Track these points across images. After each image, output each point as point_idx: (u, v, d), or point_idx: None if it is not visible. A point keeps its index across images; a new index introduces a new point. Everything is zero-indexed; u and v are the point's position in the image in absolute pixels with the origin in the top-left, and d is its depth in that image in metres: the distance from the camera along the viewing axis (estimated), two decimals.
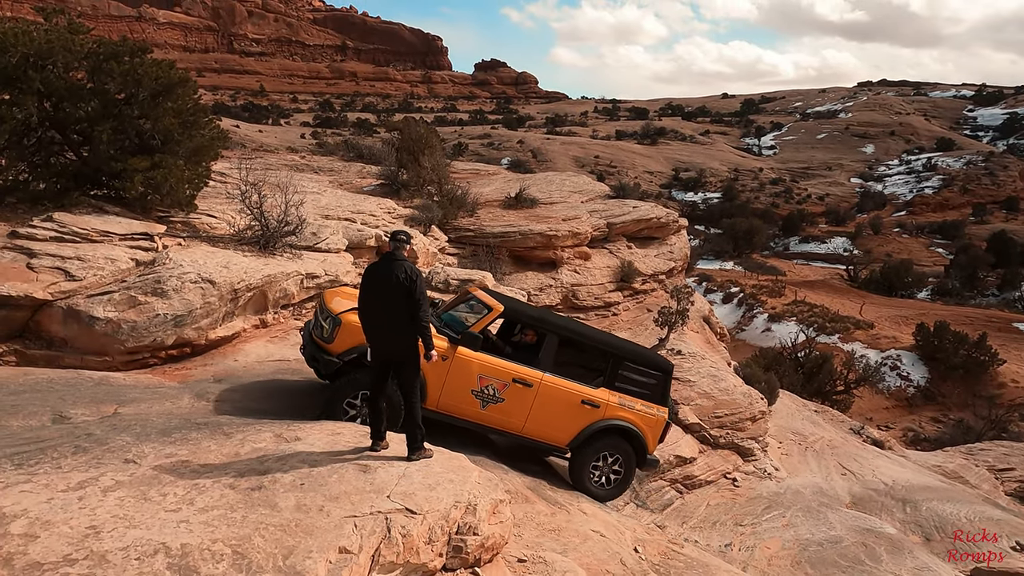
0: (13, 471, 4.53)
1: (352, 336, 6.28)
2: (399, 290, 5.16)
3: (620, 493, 7.82)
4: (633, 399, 7.40)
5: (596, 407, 7.16)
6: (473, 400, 6.69)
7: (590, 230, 19.43)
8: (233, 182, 14.47)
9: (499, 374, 6.72)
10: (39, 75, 8.93)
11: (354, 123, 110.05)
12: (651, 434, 7.52)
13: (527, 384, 6.83)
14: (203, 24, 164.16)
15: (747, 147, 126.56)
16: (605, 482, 7.49)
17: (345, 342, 6.36)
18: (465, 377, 6.62)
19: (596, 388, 7.24)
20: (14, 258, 8.19)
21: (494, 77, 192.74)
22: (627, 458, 7.51)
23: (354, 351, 6.30)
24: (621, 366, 7.35)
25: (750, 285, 53.62)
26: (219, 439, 5.37)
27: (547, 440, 7.16)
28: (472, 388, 6.66)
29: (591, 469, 7.38)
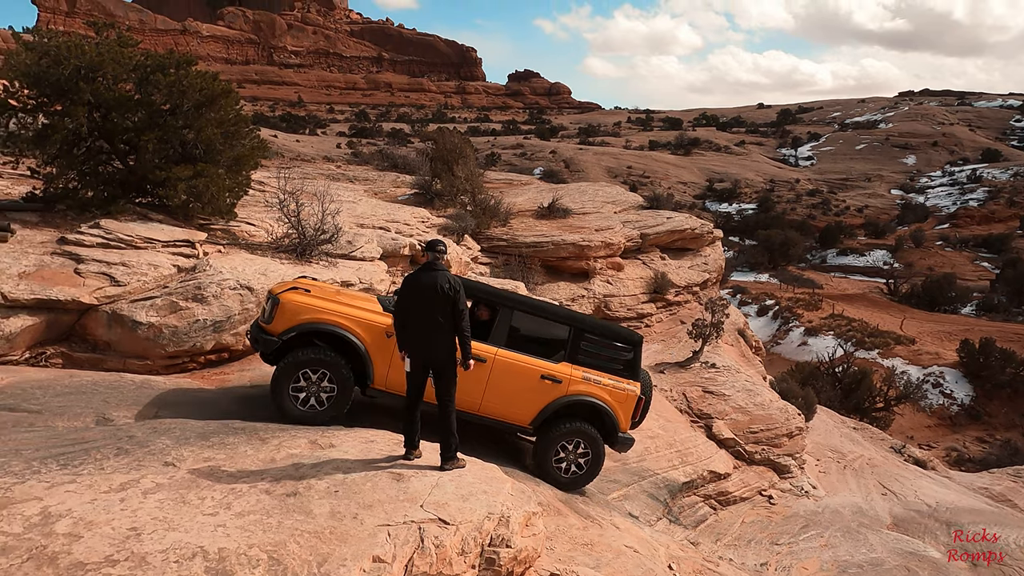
0: (59, 471, 4.65)
1: (290, 315, 6.24)
2: (444, 299, 5.26)
3: (585, 483, 7.26)
4: (599, 373, 6.97)
5: (558, 382, 6.77)
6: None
7: (623, 241, 19.31)
8: (271, 191, 14.76)
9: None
10: (90, 87, 9.24)
11: (389, 133, 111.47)
12: (622, 411, 7.04)
13: (480, 360, 6.41)
14: (244, 37, 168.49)
15: (783, 158, 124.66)
16: (567, 470, 6.99)
17: (283, 321, 6.25)
18: None
19: (557, 363, 6.84)
20: (63, 263, 8.46)
21: (527, 88, 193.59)
22: (595, 447, 7.02)
23: (293, 330, 6.22)
24: (582, 339, 6.97)
25: (786, 298, 52.65)
26: (255, 444, 5.43)
27: (507, 419, 6.78)
28: None
29: (555, 455, 6.91)
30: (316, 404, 6.19)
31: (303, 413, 6.14)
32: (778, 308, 50.57)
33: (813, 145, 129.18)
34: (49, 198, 9.91)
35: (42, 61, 9.12)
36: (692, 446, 11.40)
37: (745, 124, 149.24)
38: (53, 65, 9.09)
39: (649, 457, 10.44)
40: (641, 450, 10.57)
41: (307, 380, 6.16)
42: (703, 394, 13.47)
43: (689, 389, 13.69)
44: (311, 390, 6.19)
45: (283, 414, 6.12)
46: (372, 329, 6.36)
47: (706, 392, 13.56)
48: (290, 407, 6.13)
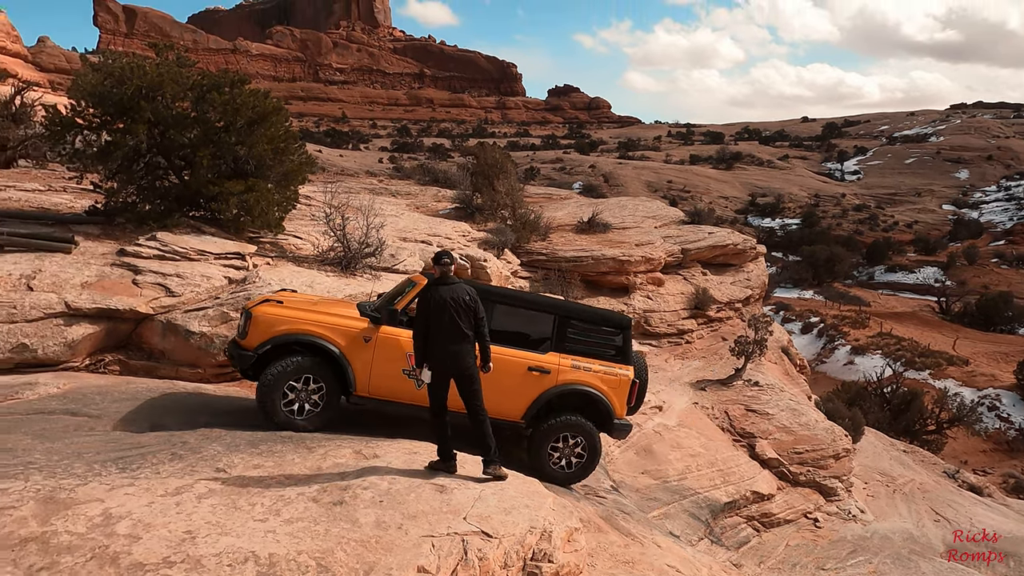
0: (118, 474, 4.84)
1: (264, 328, 6.17)
2: (468, 310, 5.39)
3: (581, 479, 7.09)
4: (589, 360, 6.79)
5: (546, 373, 6.61)
6: (406, 380, 6.33)
7: (664, 256, 19.17)
8: (317, 205, 15.12)
9: None
10: (150, 105, 9.66)
11: (430, 148, 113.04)
12: (616, 397, 6.84)
13: None
14: (291, 55, 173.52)
15: (829, 172, 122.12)
16: (566, 465, 6.82)
17: (257, 335, 6.19)
18: (393, 356, 6.29)
19: (544, 354, 6.67)
20: (121, 274, 8.82)
21: (567, 102, 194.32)
22: (590, 439, 6.83)
23: (268, 343, 6.15)
24: (568, 326, 6.80)
25: (831, 315, 51.36)
26: (302, 453, 5.56)
27: (498, 415, 6.50)
28: (403, 368, 6.31)
29: (550, 450, 6.73)
30: (306, 411, 6.19)
31: (294, 420, 6.14)
32: (823, 325, 49.37)
33: (860, 159, 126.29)
34: (110, 211, 10.35)
35: (106, 81, 9.58)
36: (734, 465, 11.20)
37: (789, 138, 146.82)
38: (117, 85, 9.54)
39: (690, 476, 10.30)
40: (682, 468, 10.44)
41: (295, 388, 6.14)
42: (746, 412, 13.22)
43: (731, 407, 13.46)
44: (301, 397, 6.17)
45: (274, 423, 6.10)
46: (348, 335, 6.26)
47: (749, 411, 13.31)
48: (281, 415, 6.11)
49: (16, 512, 4.03)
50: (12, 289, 7.93)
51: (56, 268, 8.47)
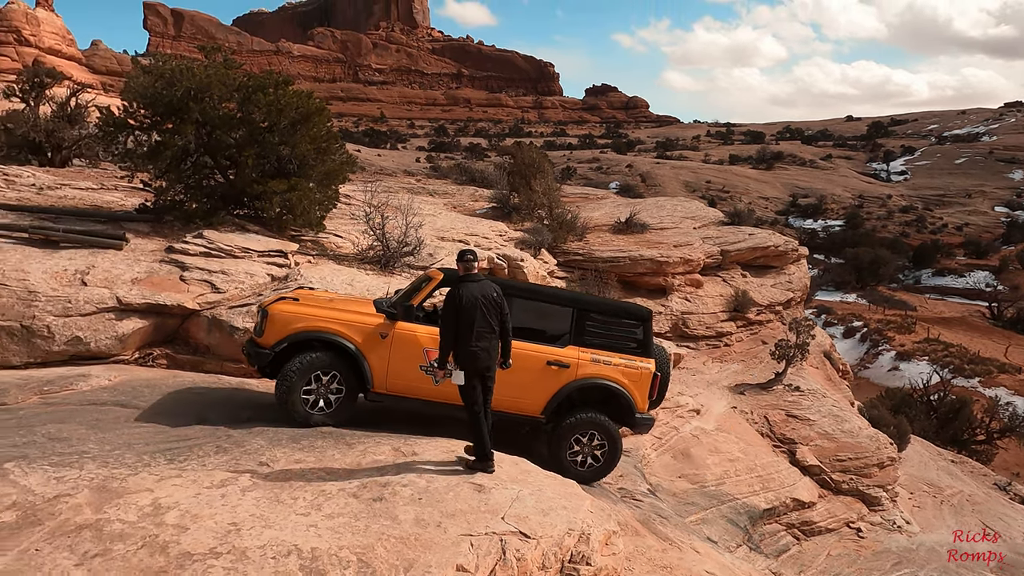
0: (166, 465, 4.98)
1: (280, 326, 6.16)
2: (496, 306, 5.43)
3: (602, 476, 6.92)
4: (609, 354, 6.67)
5: (566, 367, 6.49)
6: (424, 377, 6.25)
7: (702, 257, 18.89)
8: (356, 204, 15.32)
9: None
10: (199, 106, 9.91)
11: (466, 147, 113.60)
12: (637, 390, 6.69)
13: None
14: (332, 56, 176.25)
15: (874, 172, 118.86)
16: (583, 462, 6.67)
17: (274, 333, 6.18)
18: (411, 353, 6.24)
19: (563, 347, 6.57)
20: (169, 271, 9.07)
21: (604, 102, 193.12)
22: (610, 436, 6.70)
23: (285, 341, 6.14)
24: (587, 319, 6.69)
25: (875, 320, 49.99)
26: (342, 449, 5.64)
27: (517, 410, 6.50)
28: (420, 364, 6.25)
29: (570, 445, 6.60)
30: (325, 406, 6.18)
31: (312, 415, 6.13)
32: (867, 330, 48.09)
33: (907, 159, 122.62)
34: (158, 209, 10.65)
35: (157, 83, 9.87)
36: (774, 471, 10.99)
37: (832, 137, 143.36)
38: (167, 87, 9.81)
39: (728, 481, 10.13)
40: (720, 473, 10.28)
41: (317, 382, 6.14)
42: (786, 418, 12.96)
43: (771, 412, 13.21)
44: (320, 392, 6.16)
45: (292, 418, 6.11)
46: (364, 331, 6.22)
47: (789, 416, 13.04)
48: (301, 410, 6.10)
49: (72, 500, 4.18)
50: (67, 284, 8.23)
51: (108, 264, 8.75)
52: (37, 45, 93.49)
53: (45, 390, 6.96)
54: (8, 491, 4.22)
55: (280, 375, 6.12)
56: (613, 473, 8.44)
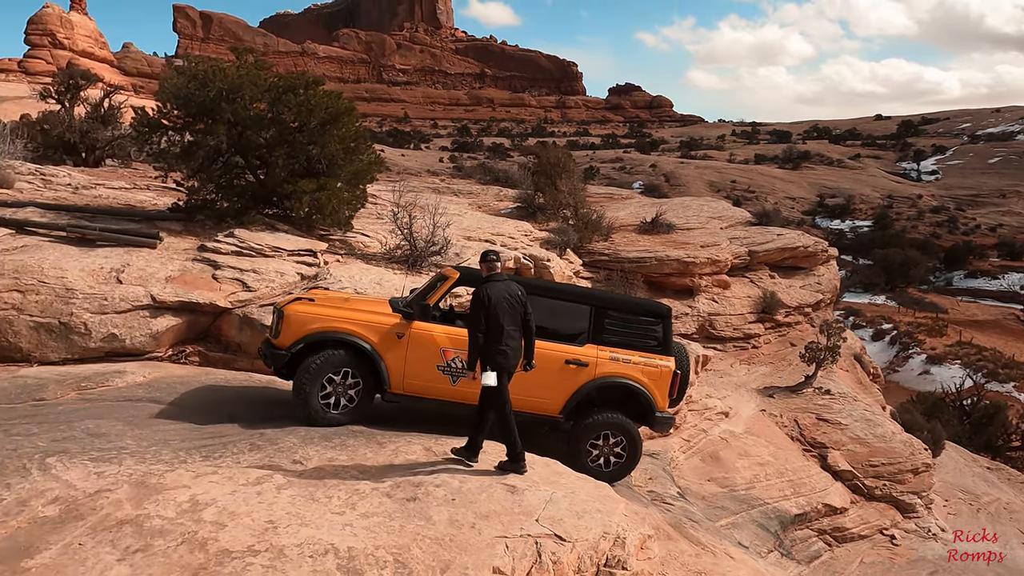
0: (202, 462, 5.03)
1: (296, 327, 6.11)
2: (522, 306, 5.43)
3: (621, 477, 6.77)
4: (629, 352, 6.56)
5: (584, 366, 6.40)
6: (441, 376, 6.21)
7: (730, 258, 18.67)
8: (382, 203, 15.39)
9: (462, 344, 6.01)
10: (231, 107, 10.02)
11: (489, 147, 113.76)
12: (658, 389, 6.58)
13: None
14: (357, 57, 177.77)
15: (904, 172, 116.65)
16: (604, 463, 6.53)
17: (290, 334, 6.13)
18: (427, 353, 6.19)
19: (581, 346, 6.47)
20: (202, 269, 9.19)
21: (628, 101, 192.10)
22: (630, 436, 6.58)
23: (301, 341, 6.08)
24: (605, 317, 6.58)
25: (905, 322, 49.05)
26: (374, 447, 5.65)
27: (535, 410, 6.42)
28: (437, 364, 6.20)
29: (589, 447, 6.48)
30: (344, 405, 6.15)
31: (329, 414, 6.09)
32: (896, 333, 47.20)
33: (938, 159, 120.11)
34: (191, 208, 10.80)
35: (190, 84, 10.00)
36: (805, 476, 10.81)
37: (861, 136, 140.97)
38: (200, 88, 9.94)
39: (758, 485, 9.99)
40: (750, 477, 10.15)
41: (334, 382, 6.09)
42: (817, 422, 12.75)
43: (801, 416, 13.00)
44: (338, 391, 6.11)
45: (312, 417, 6.04)
46: (380, 331, 6.17)
47: (820, 420, 12.83)
48: (318, 408, 6.04)
49: (112, 495, 4.23)
50: (103, 282, 8.37)
51: (143, 263, 8.89)
52: (71, 48, 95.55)
53: (82, 386, 7.08)
54: (51, 485, 4.29)
55: (297, 375, 6.07)
56: (642, 475, 8.37)
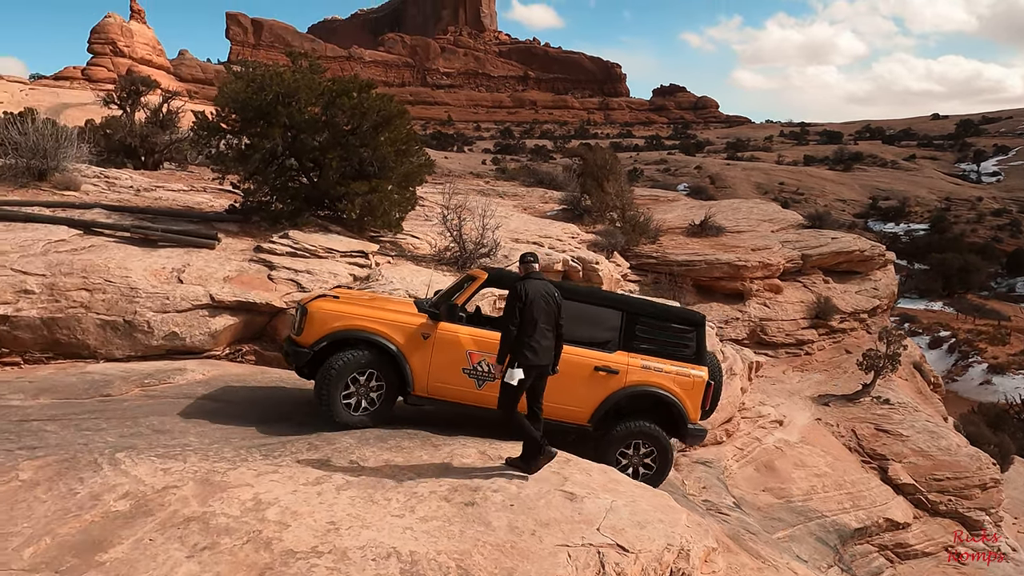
0: (262, 460, 5.08)
1: (320, 324, 5.93)
2: (557, 306, 5.37)
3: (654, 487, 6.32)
4: (661, 360, 6.32)
5: (614, 373, 6.15)
6: (466, 380, 6.01)
7: (782, 261, 18.22)
8: (429, 205, 15.48)
9: (491, 347, 5.82)
10: (287, 110, 10.20)
11: (532, 150, 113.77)
12: (690, 400, 6.32)
13: None
14: (401, 61, 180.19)
15: (963, 173, 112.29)
16: (634, 474, 6.24)
17: (313, 332, 5.94)
18: (453, 355, 5.98)
19: (611, 352, 6.21)
20: (258, 270, 9.36)
21: (672, 102, 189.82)
22: (660, 446, 6.30)
23: (324, 339, 5.90)
24: (637, 323, 6.34)
25: (964, 330, 47.17)
26: (429, 450, 5.63)
27: (562, 417, 6.19)
28: (463, 367, 5.99)
29: (618, 456, 6.22)
30: (366, 407, 5.99)
31: (352, 416, 5.94)
32: (955, 340, 45.46)
33: (1000, 159, 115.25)
34: (246, 210, 11.03)
35: (248, 88, 10.21)
36: (864, 489, 10.43)
37: (916, 136, 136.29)
38: (257, 92, 10.14)
39: (816, 497, 9.67)
40: (807, 488, 9.83)
41: (358, 383, 5.92)
42: (876, 432, 12.29)
43: (859, 426, 12.56)
44: (360, 392, 5.94)
45: (335, 420, 5.89)
46: (406, 331, 5.98)
47: (879, 430, 12.37)
48: (342, 411, 5.89)
49: (179, 491, 4.30)
50: (165, 281, 8.60)
51: (202, 263, 9.10)
52: (130, 56, 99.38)
53: (146, 383, 7.27)
54: (121, 480, 4.38)
55: (319, 375, 5.91)
56: (695, 484, 8.18)
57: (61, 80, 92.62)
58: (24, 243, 8.70)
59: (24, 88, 79.46)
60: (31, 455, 4.78)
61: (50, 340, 7.97)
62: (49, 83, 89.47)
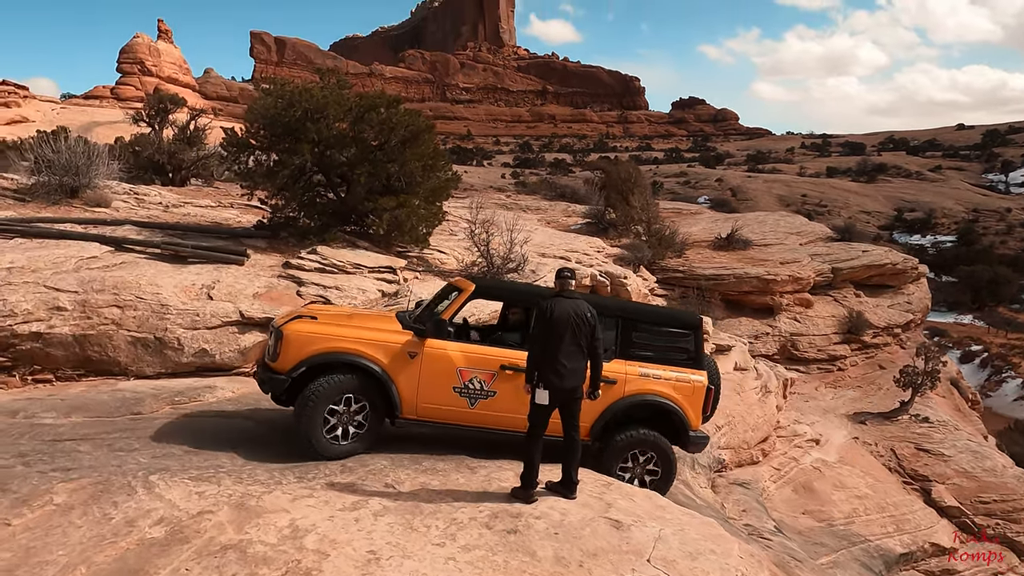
0: (296, 483, 4.95)
1: (297, 348, 5.50)
2: (587, 327, 5.07)
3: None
4: (660, 367, 6.08)
5: (612, 383, 5.85)
6: (458, 399, 5.69)
7: (812, 275, 17.87)
8: (453, 219, 15.41)
9: (483, 363, 5.65)
10: (315, 126, 10.19)
11: (551, 163, 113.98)
12: (691, 406, 6.08)
13: (518, 369, 5.55)
14: (422, 77, 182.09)
15: (990, 184, 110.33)
16: (640, 484, 5.97)
17: (290, 356, 5.51)
18: (442, 373, 5.65)
19: (608, 361, 5.82)
20: (287, 286, 9.31)
21: (691, 115, 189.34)
22: (663, 454, 6.03)
23: (303, 364, 5.47)
24: (634, 329, 6.09)
25: (996, 344, 46.00)
26: (465, 473, 5.47)
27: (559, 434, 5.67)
28: (454, 384, 5.67)
29: (619, 471, 5.95)
30: (348, 435, 5.57)
31: (338, 446, 5.52)
32: (987, 355, 44.31)
33: None
34: (274, 226, 11.02)
35: (278, 104, 10.23)
36: (908, 512, 10.06)
37: (941, 147, 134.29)
38: (287, 108, 10.16)
39: (858, 520, 9.33)
40: (848, 511, 9.50)
41: (337, 412, 5.48)
42: (916, 452, 11.89)
43: (898, 445, 12.17)
44: (343, 420, 5.51)
45: (314, 448, 5.45)
46: (391, 351, 5.61)
47: (920, 450, 11.96)
48: (325, 442, 5.47)
49: (214, 517, 4.18)
50: (195, 298, 8.57)
51: (231, 279, 9.07)
52: (158, 75, 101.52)
53: (176, 400, 7.20)
54: (155, 505, 4.28)
55: (298, 403, 5.49)
56: (735, 507, 7.91)
57: (91, 99, 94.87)
58: (57, 260, 8.73)
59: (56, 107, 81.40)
60: (65, 477, 4.71)
61: (82, 357, 7.95)
62: (79, 102, 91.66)
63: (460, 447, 6.22)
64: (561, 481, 5.13)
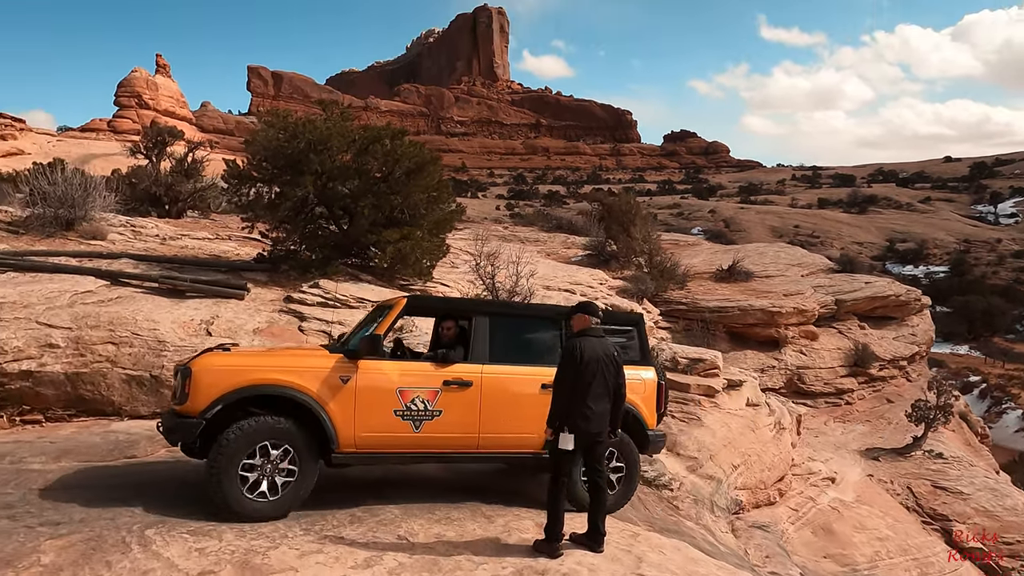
0: (303, 536, 4.61)
1: (208, 385, 4.78)
2: (614, 367, 4.82)
3: (621, 505, 5.84)
4: None
5: None
6: (400, 423, 5.12)
7: (816, 307, 17.70)
8: (455, 252, 15.20)
9: (423, 380, 5.21)
10: (318, 158, 10.02)
11: (545, 195, 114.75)
12: (645, 404, 5.82)
13: (464, 384, 5.25)
14: (416, 110, 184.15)
15: (980, 215, 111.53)
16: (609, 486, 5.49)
17: (201, 396, 4.76)
18: (381, 396, 5.08)
19: (555, 366, 5.22)
20: (288, 320, 9.02)
21: (683, 147, 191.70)
22: (627, 453, 5.68)
23: (219, 402, 4.73)
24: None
25: (995, 375, 45.88)
26: (482, 522, 5.15)
27: (516, 448, 5.47)
28: (395, 407, 5.11)
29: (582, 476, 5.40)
30: (274, 490, 4.82)
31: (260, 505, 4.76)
32: (986, 386, 44.15)
33: (1017, 200, 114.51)
34: (275, 259, 10.77)
35: (280, 135, 10.07)
36: (930, 554, 9.69)
37: (930, 179, 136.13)
38: (290, 140, 9.99)
39: (881, 564, 8.97)
40: (871, 554, 9.14)
41: (253, 465, 4.76)
42: (933, 490, 11.57)
43: (915, 483, 11.84)
44: (266, 471, 4.78)
45: (233, 510, 4.68)
46: (319, 376, 4.99)
47: (937, 487, 11.64)
48: (242, 499, 4.70)
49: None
50: (193, 334, 8.26)
51: (231, 314, 8.78)
52: (155, 108, 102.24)
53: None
54: (152, 565, 3.93)
55: (211, 454, 4.71)
56: (757, 553, 7.56)
57: (88, 132, 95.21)
58: (50, 295, 8.43)
59: (52, 140, 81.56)
60: (54, 532, 4.35)
61: (73, 396, 7.61)
62: (76, 135, 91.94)
63: (472, 492, 5.91)
64: (587, 533, 4.81)
